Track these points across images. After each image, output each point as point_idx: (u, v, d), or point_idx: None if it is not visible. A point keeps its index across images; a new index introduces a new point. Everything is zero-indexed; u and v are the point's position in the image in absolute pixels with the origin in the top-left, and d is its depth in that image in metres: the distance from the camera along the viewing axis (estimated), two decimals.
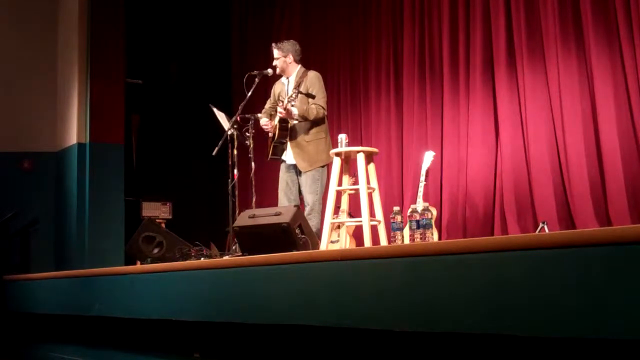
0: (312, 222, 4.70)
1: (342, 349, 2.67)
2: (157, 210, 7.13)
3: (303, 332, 2.73)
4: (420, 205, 5.21)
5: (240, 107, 5.01)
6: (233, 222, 4.42)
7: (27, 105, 7.05)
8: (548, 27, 5.19)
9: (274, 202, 5.25)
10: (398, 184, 6.25)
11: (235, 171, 5.01)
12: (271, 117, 5.24)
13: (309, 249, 3.80)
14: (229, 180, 5.00)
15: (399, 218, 4.63)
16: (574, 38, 5.05)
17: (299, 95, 4.88)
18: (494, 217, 5.40)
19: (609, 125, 4.78)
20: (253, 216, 3.99)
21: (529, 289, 1.80)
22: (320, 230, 4.82)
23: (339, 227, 5.43)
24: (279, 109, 4.96)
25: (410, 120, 6.21)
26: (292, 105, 4.89)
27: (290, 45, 5.16)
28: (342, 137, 4.84)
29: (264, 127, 5.14)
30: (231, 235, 4.81)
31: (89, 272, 4.43)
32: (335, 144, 4.95)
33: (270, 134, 5.12)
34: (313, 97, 4.90)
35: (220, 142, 4.92)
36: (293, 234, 3.77)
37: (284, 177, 5.13)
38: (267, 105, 5.33)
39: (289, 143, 5.05)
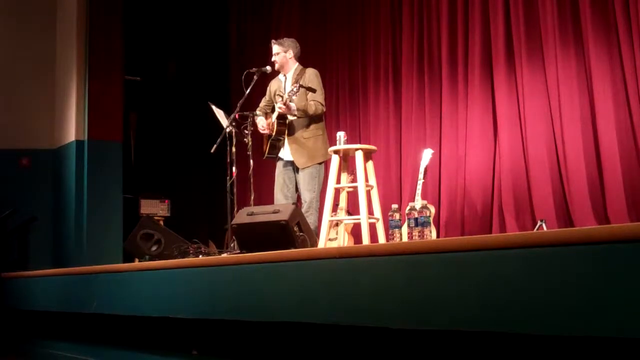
0: (310, 220, 4.69)
1: (341, 347, 2.67)
2: (155, 208, 7.13)
3: (301, 329, 2.73)
4: (418, 203, 5.22)
5: (238, 105, 5.01)
6: (231, 220, 4.42)
7: (25, 103, 7.04)
8: (547, 27, 5.19)
9: (272, 199, 5.25)
10: (396, 181, 6.25)
11: (234, 169, 5.01)
12: (267, 115, 5.22)
13: (307, 247, 3.80)
14: (228, 177, 5.00)
15: (397, 216, 4.64)
16: (572, 38, 5.05)
17: (299, 90, 4.87)
18: (492, 215, 5.40)
19: (607, 124, 4.79)
20: (251, 214, 3.98)
21: (527, 286, 1.80)
22: (318, 227, 4.82)
23: (337, 224, 5.43)
24: (278, 105, 4.94)
25: (408, 118, 6.21)
26: (292, 101, 4.88)
27: (290, 41, 5.17)
28: (341, 135, 4.84)
29: (261, 130, 5.11)
30: (229, 232, 4.81)
31: (87, 270, 4.42)
32: (333, 142, 4.95)
33: (267, 132, 5.10)
34: (314, 90, 4.88)
35: (218, 140, 4.91)
36: (291, 231, 3.77)
37: (281, 174, 5.12)
38: (262, 103, 5.31)
39: (286, 140, 5.04)
